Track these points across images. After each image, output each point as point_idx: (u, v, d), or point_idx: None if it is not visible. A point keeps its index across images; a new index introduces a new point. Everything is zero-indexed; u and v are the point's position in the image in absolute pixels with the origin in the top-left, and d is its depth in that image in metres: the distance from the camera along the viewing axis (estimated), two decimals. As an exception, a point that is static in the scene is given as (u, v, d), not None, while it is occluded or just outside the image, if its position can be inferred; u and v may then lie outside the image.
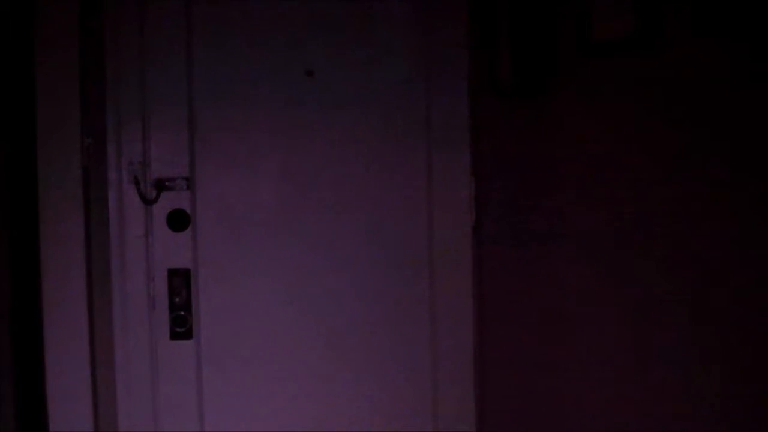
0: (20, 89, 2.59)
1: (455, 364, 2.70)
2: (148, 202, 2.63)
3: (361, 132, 2.71)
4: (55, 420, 2.54)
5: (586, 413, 2.59)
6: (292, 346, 2.70)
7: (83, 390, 2.55)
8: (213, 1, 2.65)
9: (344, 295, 2.71)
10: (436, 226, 2.72)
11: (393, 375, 2.73)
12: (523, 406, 2.64)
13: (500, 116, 2.67)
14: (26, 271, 2.59)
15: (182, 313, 2.65)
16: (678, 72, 2.50)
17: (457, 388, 2.71)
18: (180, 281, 2.64)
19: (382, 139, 2.71)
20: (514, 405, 2.65)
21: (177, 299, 2.65)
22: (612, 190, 2.56)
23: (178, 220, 2.64)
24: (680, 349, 2.50)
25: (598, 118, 2.58)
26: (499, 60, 2.64)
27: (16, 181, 2.61)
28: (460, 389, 2.71)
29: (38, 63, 2.55)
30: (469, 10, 2.72)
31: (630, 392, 2.54)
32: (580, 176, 2.59)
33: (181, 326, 2.65)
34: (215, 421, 2.67)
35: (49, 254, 2.54)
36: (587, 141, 2.59)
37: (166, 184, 2.64)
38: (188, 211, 2.64)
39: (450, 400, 2.72)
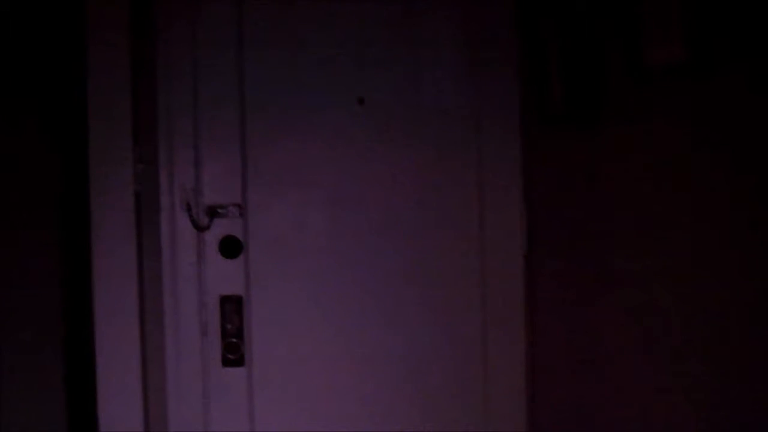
0: (72, 112, 2.59)
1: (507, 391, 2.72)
2: (200, 228, 2.63)
3: (411, 159, 2.71)
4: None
5: (633, 424, 2.56)
6: (344, 372, 2.70)
7: (135, 417, 2.54)
8: (265, 30, 2.66)
9: (396, 323, 2.71)
10: (488, 253, 2.72)
11: (445, 404, 2.73)
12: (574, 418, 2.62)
13: (551, 144, 2.66)
14: (79, 295, 2.59)
15: (234, 340, 2.64)
16: (729, 99, 2.48)
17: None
18: (232, 308, 2.64)
19: (433, 167, 2.72)
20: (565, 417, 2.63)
21: (229, 326, 2.64)
22: (660, 218, 2.55)
23: (231, 247, 2.64)
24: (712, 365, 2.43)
25: (649, 146, 2.56)
26: (550, 88, 2.64)
27: (68, 208, 2.61)
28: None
29: (90, 87, 2.54)
30: (519, 38, 2.73)
31: (674, 405, 2.49)
32: (629, 205, 2.57)
33: (234, 353, 2.64)
34: (267, 448, 2.67)
35: (102, 280, 2.52)
36: (637, 169, 2.57)
37: (219, 211, 2.64)
38: (240, 238, 2.64)
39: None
